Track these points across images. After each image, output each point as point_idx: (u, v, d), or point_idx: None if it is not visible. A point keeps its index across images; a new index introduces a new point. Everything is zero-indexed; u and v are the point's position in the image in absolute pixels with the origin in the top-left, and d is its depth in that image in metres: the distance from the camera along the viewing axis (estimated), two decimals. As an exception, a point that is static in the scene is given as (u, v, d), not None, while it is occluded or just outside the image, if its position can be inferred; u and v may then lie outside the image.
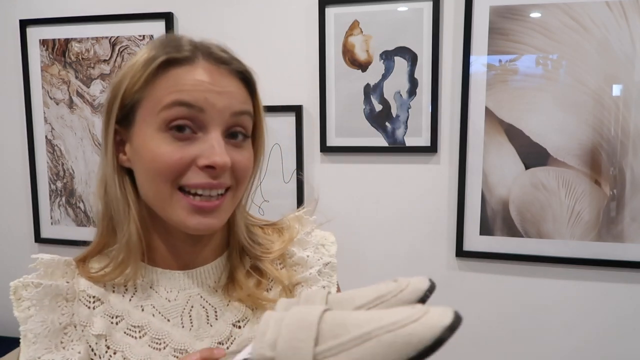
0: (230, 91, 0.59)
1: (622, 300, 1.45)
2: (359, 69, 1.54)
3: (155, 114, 0.57)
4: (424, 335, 0.36)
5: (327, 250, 0.71)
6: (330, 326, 0.41)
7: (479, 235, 1.51)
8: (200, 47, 0.60)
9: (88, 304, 0.62)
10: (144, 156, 0.58)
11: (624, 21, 1.35)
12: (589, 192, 1.42)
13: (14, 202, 1.90)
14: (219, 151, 0.56)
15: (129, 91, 0.58)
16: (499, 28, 1.43)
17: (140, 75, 0.57)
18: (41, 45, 1.78)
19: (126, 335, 0.61)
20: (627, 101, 1.38)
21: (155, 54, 0.58)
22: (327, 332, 0.41)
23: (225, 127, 0.59)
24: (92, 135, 1.78)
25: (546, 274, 1.49)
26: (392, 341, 0.37)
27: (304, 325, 0.41)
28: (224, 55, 0.61)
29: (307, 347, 0.40)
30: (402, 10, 1.50)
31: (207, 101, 0.57)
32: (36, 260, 0.60)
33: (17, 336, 0.60)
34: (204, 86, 0.57)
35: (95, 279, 0.63)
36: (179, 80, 0.57)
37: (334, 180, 1.61)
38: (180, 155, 0.56)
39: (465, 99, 1.47)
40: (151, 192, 0.59)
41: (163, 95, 0.57)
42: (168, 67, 0.57)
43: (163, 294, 0.64)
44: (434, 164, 1.55)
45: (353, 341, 0.39)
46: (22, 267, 0.62)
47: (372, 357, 0.37)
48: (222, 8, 1.64)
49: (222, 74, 0.59)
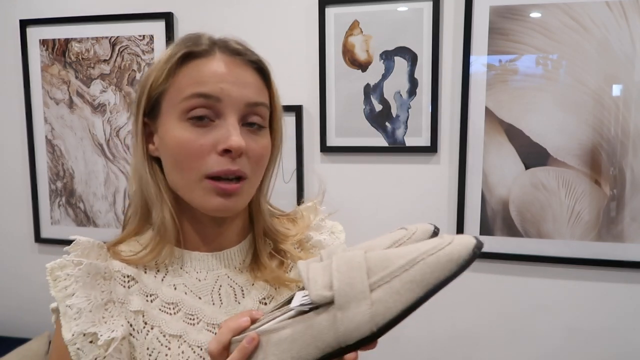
0: (245, 82, 0.63)
1: (622, 300, 1.45)
2: (359, 69, 1.54)
3: (177, 104, 0.62)
4: (461, 252, 0.45)
5: (338, 237, 0.79)
6: (376, 261, 0.48)
7: (479, 235, 1.51)
8: (217, 41, 0.65)
9: (123, 284, 0.65)
10: (168, 144, 0.62)
11: (624, 21, 1.35)
12: (589, 192, 1.42)
13: (14, 202, 1.90)
14: (234, 133, 0.60)
15: (154, 85, 0.63)
16: (499, 28, 1.43)
17: (164, 69, 0.63)
18: (41, 45, 1.78)
19: (161, 312, 0.65)
20: (627, 101, 1.38)
21: (175, 50, 0.63)
22: (375, 267, 0.48)
23: (241, 116, 0.63)
24: (92, 135, 1.78)
25: (546, 274, 1.49)
26: (436, 261, 0.46)
27: (353, 265, 0.49)
28: (238, 47, 0.65)
29: (362, 280, 0.47)
30: (402, 10, 1.50)
31: (223, 91, 0.61)
32: (74, 240, 0.64)
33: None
34: (220, 77, 0.61)
35: (129, 261, 0.66)
36: (197, 71, 0.62)
37: (334, 180, 1.61)
38: (201, 142, 0.61)
39: (465, 99, 1.47)
40: (177, 178, 0.63)
41: (183, 87, 0.62)
42: (188, 59, 0.63)
43: (193, 274, 0.68)
44: (434, 164, 1.55)
45: (401, 268, 0.47)
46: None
47: (422, 277, 0.46)
48: (222, 8, 1.64)
49: (237, 64, 0.63)
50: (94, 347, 0.59)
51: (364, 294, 0.46)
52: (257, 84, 0.65)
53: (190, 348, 0.63)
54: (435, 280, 0.45)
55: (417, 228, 0.59)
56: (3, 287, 1.95)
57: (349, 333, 0.46)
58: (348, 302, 0.47)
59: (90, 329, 0.59)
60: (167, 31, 1.66)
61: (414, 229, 0.59)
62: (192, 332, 0.64)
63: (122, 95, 1.74)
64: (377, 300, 0.46)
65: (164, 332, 0.64)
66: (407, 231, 0.58)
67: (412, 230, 0.58)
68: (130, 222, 0.70)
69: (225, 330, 0.54)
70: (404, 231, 0.59)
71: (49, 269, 0.64)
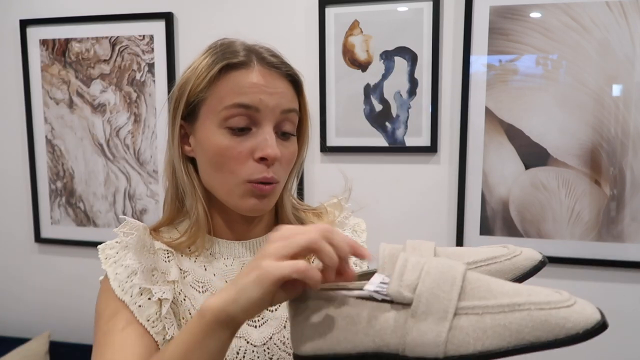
0: (280, 92, 0.68)
1: (622, 300, 1.45)
2: (359, 69, 1.54)
3: (217, 112, 0.66)
4: (578, 323, 0.38)
5: (359, 236, 0.83)
6: (475, 286, 0.43)
7: (479, 235, 1.51)
8: (253, 51, 0.69)
9: (164, 258, 0.71)
10: (207, 149, 0.67)
11: (624, 21, 1.35)
12: (589, 192, 1.42)
13: (14, 202, 1.90)
14: (271, 144, 0.65)
15: (193, 91, 0.67)
16: (499, 28, 1.43)
17: (204, 78, 0.66)
18: (41, 45, 1.78)
19: (192, 288, 0.70)
20: (627, 101, 1.38)
21: (215, 59, 0.67)
22: (472, 290, 0.43)
23: (276, 123, 0.67)
24: (92, 135, 1.78)
25: (546, 274, 1.48)
26: (544, 319, 0.39)
27: (447, 278, 0.43)
28: (274, 60, 0.70)
29: (450, 297, 0.42)
30: (402, 10, 1.50)
31: (262, 102, 0.65)
32: (124, 220, 0.70)
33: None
34: (259, 88, 0.66)
35: (168, 244, 0.72)
36: (237, 83, 0.66)
37: (334, 180, 1.61)
38: (239, 150, 0.66)
39: (465, 99, 1.47)
40: (215, 180, 0.68)
41: (224, 96, 0.66)
42: (228, 70, 0.66)
43: (221, 260, 0.73)
44: (434, 164, 1.55)
45: (500, 307, 0.41)
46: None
47: (519, 327, 0.40)
48: (222, 8, 1.64)
49: (273, 76, 0.68)
50: (152, 303, 0.64)
51: (446, 314, 0.42)
52: (290, 93, 0.70)
53: None
54: (532, 339, 0.39)
55: (522, 251, 0.55)
56: (3, 287, 1.95)
57: (412, 346, 0.42)
58: (426, 314, 0.42)
59: (146, 285, 0.64)
60: (167, 31, 1.66)
61: (517, 251, 0.55)
62: None
63: (122, 95, 1.74)
64: (458, 327, 0.41)
65: (193, 306, 0.69)
66: (507, 250, 0.55)
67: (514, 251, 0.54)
68: (165, 211, 0.76)
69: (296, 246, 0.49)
70: (505, 250, 0.55)
71: (100, 249, 0.70)
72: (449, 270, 0.44)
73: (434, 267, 0.44)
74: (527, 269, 0.54)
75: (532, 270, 0.54)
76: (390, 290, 0.44)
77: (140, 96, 1.72)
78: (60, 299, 1.88)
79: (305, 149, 0.77)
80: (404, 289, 0.43)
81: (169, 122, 0.71)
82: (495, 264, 0.53)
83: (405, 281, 0.44)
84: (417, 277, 0.44)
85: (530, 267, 0.54)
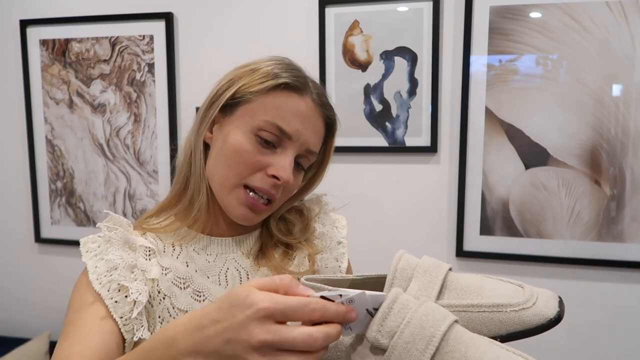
0: (316, 131, 0.72)
1: (622, 300, 1.45)
2: (359, 69, 1.54)
3: (255, 118, 0.68)
4: None
5: (339, 232, 0.84)
6: (451, 350, 0.42)
7: (479, 235, 1.51)
8: (311, 83, 0.72)
9: (145, 255, 0.71)
10: (229, 144, 0.69)
11: (624, 21, 1.35)
12: (589, 192, 1.42)
13: (14, 202, 1.90)
14: (288, 168, 0.68)
15: (243, 89, 0.69)
16: (499, 28, 1.43)
17: (259, 82, 0.68)
18: (41, 45, 1.78)
19: (173, 285, 0.70)
20: (627, 101, 1.38)
21: (278, 72, 0.69)
22: (446, 354, 0.42)
23: (298, 154, 0.71)
24: (92, 135, 1.78)
25: (546, 274, 1.49)
26: None
27: (425, 335, 0.42)
28: (325, 100, 0.74)
29: (422, 356, 0.41)
30: (402, 10, 1.50)
31: (298, 132, 0.69)
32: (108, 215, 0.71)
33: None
34: (302, 119, 0.69)
35: (154, 230, 0.73)
36: (287, 104, 0.68)
37: (334, 180, 1.61)
38: (259, 159, 0.68)
39: (465, 99, 1.47)
40: (219, 174, 0.70)
41: (269, 110, 0.68)
42: (285, 88, 0.69)
43: (204, 255, 0.74)
44: (434, 164, 1.55)
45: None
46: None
47: None
48: (222, 8, 1.64)
49: (317, 115, 0.72)
50: (127, 302, 0.64)
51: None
52: (321, 136, 0.74)
53: None
54: None
55: (535, 303, 0.49)
56: (3, 287, 1.95)
57: None
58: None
59: (125, 283, 0.64)
60: (167, 31, 1.66)
61: (531, 301, 0.50)
62: (197, 308, 0.68)
63: (122, 95, 1.74)
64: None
65: (174, 305, 0.69)
66: (519, 298, 0.49)
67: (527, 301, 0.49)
68: (170, 192, 0.77)
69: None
70: (517, 297, 0.50)
71: (82, 242, 0.70)
72: (430, 326, 0.42)
73: (417, 318, 0.43)
74: (532, 326, 0.49)
75: (537, 329, 0.49)
76: (368, 334, 0.44)
77: (140, 96, 1.72)
78: (60, 299, 1.87)
79: (313, 187, 0.81)
80: (381, 335, 0.43)
81: (205, 105, 0.72)
82: (499, 313, 0.49)
83: (385, 327, 0.43)
84: (397, 325, 0.43)
85: (536, 325, 0.49)
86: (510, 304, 0.50)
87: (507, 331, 0.50)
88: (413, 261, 0.53)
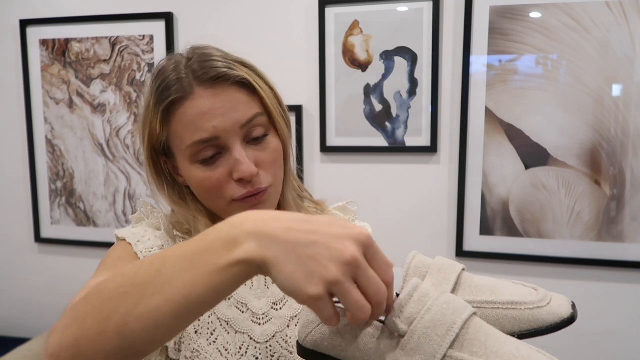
0: (231, 106, 0.64)
1: (622, 300, 1.45)
2: (359, 69, 1.54)
3: (183, 151, 0.66)
4: None
5: None
6: (472, 338, 0.42)
7: (479, 235, 1.51)
8: (189, 72, 0.65)
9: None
10: (190, 182, 0.69)
11: (624, 21, 1.35)
12: (589, 192, 1.42)
13: (14, 202, 1.90)
14: (243, 162, 0.64)
15: (154, 136, 0.68)
16: (499, 28, 1.43)
17: (157, 121, 0.66)
18: (41, 45, 1.78)
19: None
20: (627, 101, 1.38)
21: (157, 101, 0.66)
22: (466, 342, 0.42)
23: (242, 137, 0.66)
24: (92, 135, 1.78)
25: (546, 274, 1.49)
26: None
27: (446, 322, 0.42)
28: (211, 71, 0.64)
29: (442, 343, 0.41)
30: (402, 10, 1.50)
31: (217, 128, 0.63)
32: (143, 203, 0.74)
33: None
34: (209, 115, 0.63)
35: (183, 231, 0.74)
36: (187, 118, 0.64)
37: (334, 180, 1.61)
38: (217, 177, 0.65)
39: (465, 99, 1.47)
40: (209, 204, 0.70)
41: (180, 135, 0.65)
42: (173, 106, 0.65)
43: None
44: (434, 164, 1.55)
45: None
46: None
47: None
48: (222, 8, 1.64)
49: (217, 93, 0.64)
50: None
51: (433, 358, 0.41)
52: (244, 99, 0.65)
53: (219, 320, 0.68)
54: None
55: (549, 303, 0.50)
56: (3, 287, 1.95)
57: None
58: (414, 351, 0.42)
59: None
60: (167, 31, 1.66)
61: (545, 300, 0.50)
62: (222, 306, 0.68)
63: (122, 95, 1.74)
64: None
65: None
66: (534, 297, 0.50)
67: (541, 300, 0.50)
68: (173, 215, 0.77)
69: None
70: (531, 296, 0.51)
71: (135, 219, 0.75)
72: (452, 314, 0.42)
73: (438, 305, 0.43)
74: (546, 325, 0.49)
75: (550, 328, 0.49)
76: (387, 320, 0.44)
77: (140, 96, 1.72)
78: (60, 299, 1.87)
79: (287, 138, 0.72)
80: (400, 321, 0.43)
81: (146, 163, 0.72)
82: (514, 310, 0.49)
83: (405, 313, 0.43)
84: (417, 312, 0.43)
85: (551, 324, 0.49)
86: (525, 302, 0.50)
87: (520, 329, 0.50)
88: (427, 260, 0.53)
